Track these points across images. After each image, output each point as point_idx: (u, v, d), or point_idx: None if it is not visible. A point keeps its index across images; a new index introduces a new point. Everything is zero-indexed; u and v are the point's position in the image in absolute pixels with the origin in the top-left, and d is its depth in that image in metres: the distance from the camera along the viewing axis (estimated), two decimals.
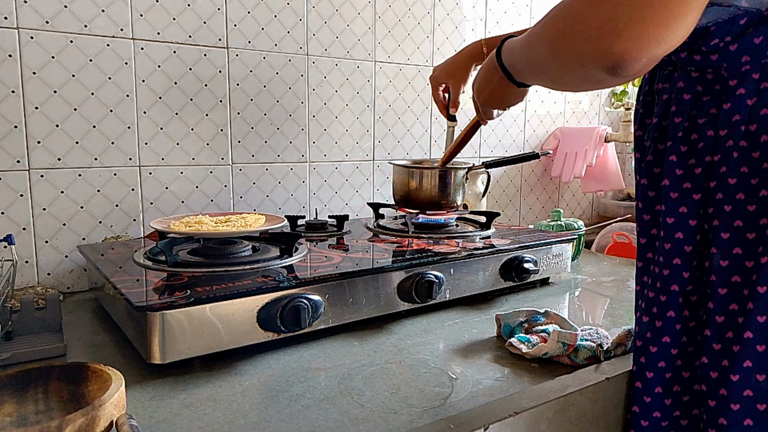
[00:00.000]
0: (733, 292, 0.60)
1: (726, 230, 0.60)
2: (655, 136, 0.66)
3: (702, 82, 0.62)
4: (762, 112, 0.57)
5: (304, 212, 1.29)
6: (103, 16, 1.01)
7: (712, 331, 0.61)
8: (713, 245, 0.61)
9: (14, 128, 0.96)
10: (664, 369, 0.66)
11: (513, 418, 0.60)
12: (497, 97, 0.77)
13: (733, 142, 0.59)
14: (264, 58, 1.19)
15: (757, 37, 0.56)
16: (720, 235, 0.60)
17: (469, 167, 1.20)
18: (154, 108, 1.08)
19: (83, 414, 0.49)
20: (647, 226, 0.69)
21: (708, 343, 0.62)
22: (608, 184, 1.73)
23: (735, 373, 0.59)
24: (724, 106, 0.60)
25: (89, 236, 1.05)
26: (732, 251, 0.59)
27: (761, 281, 0.57)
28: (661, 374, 0.66)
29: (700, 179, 0.62)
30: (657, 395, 0.66)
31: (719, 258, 0.60)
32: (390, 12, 1.35)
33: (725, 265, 0.60)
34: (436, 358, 0.75)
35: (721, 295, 0.60)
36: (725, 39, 0.58)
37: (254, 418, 0.59)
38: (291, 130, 1.25)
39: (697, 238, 0.63)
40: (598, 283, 1.14)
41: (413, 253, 0.93)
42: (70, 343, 0.77)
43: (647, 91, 0.69)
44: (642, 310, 0.69)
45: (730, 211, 0.59)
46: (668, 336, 0.65)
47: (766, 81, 0.57)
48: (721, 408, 0.60)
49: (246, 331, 0.73)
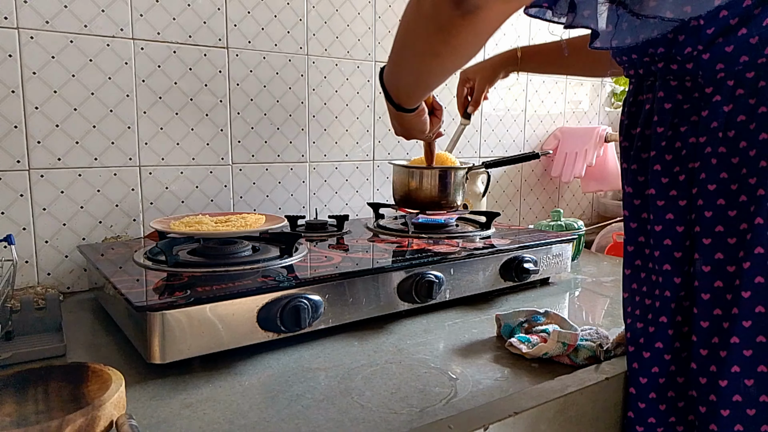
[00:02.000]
0: (716, 297, 0.60)
1: (707, 236, 0.60)
2: (639, 145, 0.67)
3: (681, 90, 0.62)
4: (739, 119, 0.58)
5: (304, 212, 1.29)
6: (103, 16, 1.01)
7: (698, 337, 0.61)
8: (696, 251, 0.61)
9: (14, 128, 0.96)
10: (658, 374, 0.66)
11: (513, 418, 0.60)
12: (401, 128, 0.79)
13: (712, 148, 0.59)
14: (264, 58, 1.19)
15: (728, 46, 0.57)
16: (702, 241, 0.60)
17: (469, 167, 1.20)
18: (154, 108, 1.08)
19: (83, 414, 0.49)
20: (634, 234, 0.69)
21: (695, 349, 0.62)
22: (608, 184, 1.73)
23: (723, 378, 0.59)
24: (702, 113, 0.60)
25: (89, 236, 1.05)
26: (714, 256, 0.60)
27: (745, 286, 0.57)
28: (655, 380, 0.66)
29: (686, 185, 0.62)
30: (651, 401, 0.66)
31: (701, 263, 0.61)
32: (390, 12, 1.35)
33: (707, 270, 0.60)
34: (436, 358, 0.75)
35: (705, 300, 0.60)
36: (697, 47, 0.58)
37: (254, 418, 0.59)
38: (291, 130, 1.25)
39: (686, 244, 0.63)
40: (598, 283, 1.14)
41: (413, 253, 0.93)
42: (70, 343, 0.77)
43: (632, 102, 0.69)
44: (634, 316, 0.69)
45: (710, 217, 0.60)
46: (661, 342, 0.65)
47: (740, 88, 0.57)
48: (711, 414, 0.60)
49: (246, 331, 0.73)
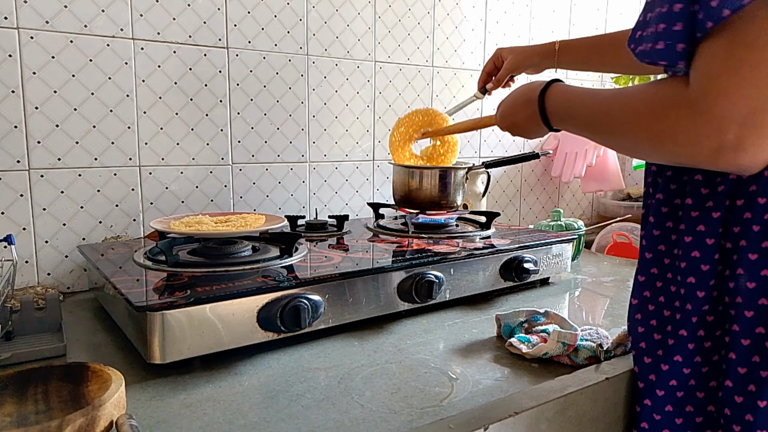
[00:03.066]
0: (760, 315, 0.58)
1: (754, 251, 0.58)
2: None
3: None
4: None
5: (304, 212, 1.29)
6: (103, 16, 1.01)
7: (737, 354, 0.59)
8: (739, 266, 0.59)
9: (14, 128, 0.96)
10: (676, 388, 0.64)
11: (513, 418, 0.60)
12: (520, 128, 0.78)
13: None
14: (264, 58, 1.19)
15: None
16: (747, 256, 0.58)
17: (469, 167, 1.20)
18: (154, 108, 1.08)
19: (83, 414, 0.49)
20: (656, 241, 0.67)
21: (732, 367, 0.60)
22: (608, 184, 1.73)
23: (763, 399, 0.57)
24: None
25: (89, 236, 1.05)
26: (760, 273, 0.58)
27: None
28: (673, 393, 0.65)
29: (722, 197, 0.60)
30: (667, 414, 0.65)
31: (746, 279, 0.58)
32: (390, 12, 1.35)
33: (752, 287, 0.58)
34: (436, 358, 0.75)
35: (748, 317, 0.58)
36: None
37: (254, 418, 0.59)
38: (291, 130, 1.25)
39: (715, 257, 0.61)
40: (598, 283, 1.14)
41: (413, 253, 0.93)
42: (70, 343, 0.77)
43: None
44: (649, 326, 0.67)
45: (758, 232, 0.57)
46: (680, 355, 0.64)
47: None
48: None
49: (246, 331, 0.73)
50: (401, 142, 1.18)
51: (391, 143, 1.20)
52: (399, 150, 1.19)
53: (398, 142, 1.18)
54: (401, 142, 1.18)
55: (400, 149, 1.19)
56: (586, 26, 1.77)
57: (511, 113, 0.77)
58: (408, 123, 1.18)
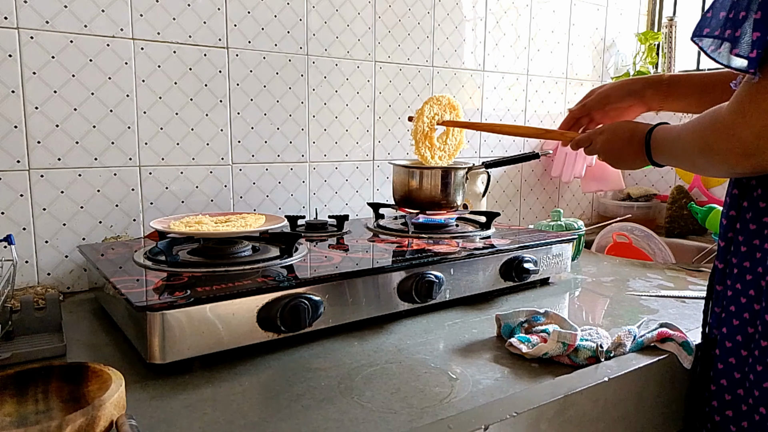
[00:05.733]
0: None
1: None
2: None
3: None
4: None
5: (304, 212, 1.29)
6: (103, 16, 1.01)
7: None
8: None
9: (14, 128, 0.96)
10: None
11: (513, 418, 0.60)
12: (623, 162, 0.88)
13: None
14: (264, 58, 1.19)
15: None
16: None
17: (469, 167, 1.20)
18: (154, 108, 1.08)
19: (83, 414, 0.49)
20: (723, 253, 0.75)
21: None
22: (608, 184, 1.73)
23: None
24: None
25: (89, 236, 1.05)
26: None
27: None
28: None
29: None
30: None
31: None
32: (390, 12, 1.35)
33: None
34: (436, 358, 0.75)
35: None
36: None
37: (254, 418, 0.59)
38: (291, 130, 1.25)
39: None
40: (598, 283, 1.14)
41: (413, 253, 0.93)
42: (70, 343, 0.77)
43: None
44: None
45: None
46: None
47: None
48: None
49: (246, 331, 0.73)
50: (426, 133, 1.17)
51: (417, 131, 1.16)
52: (423, 140, 1.17)
53: (422, 132, 1.17)
54: (426, 133, 1.17)
55: (425, 139, 1.17)
56: (586, 26, 1.77)
57: (617, 149, 0.86)
58: (431, 109, 1.16)
